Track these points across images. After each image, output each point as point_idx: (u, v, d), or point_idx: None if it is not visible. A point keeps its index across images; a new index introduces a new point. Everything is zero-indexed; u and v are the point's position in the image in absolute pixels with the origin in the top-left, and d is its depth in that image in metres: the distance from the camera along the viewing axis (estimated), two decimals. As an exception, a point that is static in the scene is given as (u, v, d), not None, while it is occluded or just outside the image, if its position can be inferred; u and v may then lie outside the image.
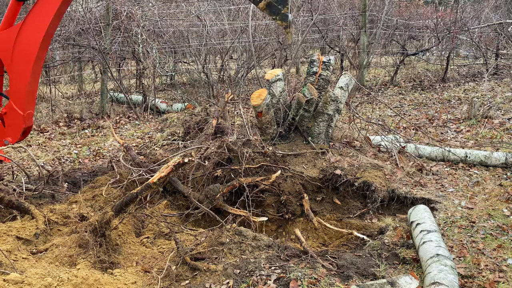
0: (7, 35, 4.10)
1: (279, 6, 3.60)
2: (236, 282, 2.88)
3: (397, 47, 12.16)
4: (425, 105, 8.54)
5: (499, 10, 14.01)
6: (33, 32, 4.10)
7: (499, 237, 3.47)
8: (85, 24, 8.98)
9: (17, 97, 4.20)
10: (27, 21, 4.09)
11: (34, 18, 4.09)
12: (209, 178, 4.45)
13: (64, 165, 5.74)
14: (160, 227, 3.79)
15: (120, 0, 9.38)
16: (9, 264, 2.82)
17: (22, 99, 4.21)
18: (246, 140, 4.79)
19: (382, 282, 2.71)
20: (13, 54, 4.11)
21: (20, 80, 4.18)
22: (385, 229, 3.82)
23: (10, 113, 4.23)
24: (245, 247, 3.26)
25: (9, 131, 4.28)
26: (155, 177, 3.22)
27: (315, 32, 11.73)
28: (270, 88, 5.07)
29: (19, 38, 4.09)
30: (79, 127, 8.12)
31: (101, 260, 3.01)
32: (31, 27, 4.09)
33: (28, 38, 4.10)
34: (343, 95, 5.16)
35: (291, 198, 4.29)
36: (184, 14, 10.58)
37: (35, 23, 4.09)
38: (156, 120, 8.38)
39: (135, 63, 10.34)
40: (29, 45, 4.12)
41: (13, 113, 4.22)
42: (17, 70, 4.15)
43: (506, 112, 7.11)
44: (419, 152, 5.38)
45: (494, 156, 4.98)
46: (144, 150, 5.72)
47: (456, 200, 4.19)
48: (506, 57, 11.58)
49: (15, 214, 3.61)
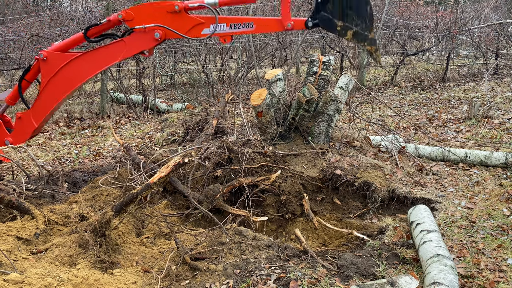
0: (60, 58, 4.10)
1: (365, 32, 3.65)
2: (236, 282, 2.88)
3: (397, 47, 12.17)
4: (425, 105, 8.54)
5: (499, 10, 14.01)
6: (86, 68, 4.11)
7: (499, 237, 3.47)
8: (85, 24, 8.98)
9: (37, 112, 4.25)
10: (86, 57, 4.09)
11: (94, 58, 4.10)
12: (209, 178, 4.46)
13: (64, 165, 5.75)
14: (160, 227, 3.79)
15: (120, 0, 9.38)
16: (9, 264, 2.82)
17: (42, 116, 4.29)
18: (246, 140, 4.79)
19: (382, 282, 2.71)
20: (55, 77, 4.12)
21: (48, 102, 4.21)
22: (385, 229, 3.82)
23: (25, 120, 4.28)
24: (245, 247, 3.26)
25: (17, 135, 4.33)
26: (155, 177, 3.22)
27: (315, 32, 11.73)
28: (270, 88, 5.07)
29: (69, 66, 4.09)
30: (79, 127, 8.13)
31: (101, 260, 3.01)
32: (87, 64, 4.10)
33: (77, 71, 4.11)
34: (343, 95, 5.16)
35: (291, 198, 4.29)
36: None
37: (92, 63, 4.10)
38: (156, 120, 8.38)
39: (135, 63, 10.35)
40: (74, 77, 4.13)
41: (27, 121, 4.28)
42: (50, 92, 4.17)
43: (506, 112, 7.11)
44: (419, 152, 5.39)
45: (494, 156, 4.98)
46: (144, 150, 5.73)
47: (456, 200, 4.19)
48: (506, 57, 11.58)
49: (15, 214, 3.61)
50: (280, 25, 3.78)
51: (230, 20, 3.87)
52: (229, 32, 3.87)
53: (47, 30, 9.69)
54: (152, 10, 3.91)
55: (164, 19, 3.90)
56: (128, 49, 4.02)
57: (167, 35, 3.95)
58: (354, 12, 3.58)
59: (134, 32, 3.96)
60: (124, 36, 4.00)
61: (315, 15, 3.66)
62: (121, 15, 3.92)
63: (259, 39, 9.89)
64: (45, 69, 4.12)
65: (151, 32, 3.92)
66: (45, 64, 4.10)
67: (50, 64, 4.10)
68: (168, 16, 3.89)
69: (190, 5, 3.87)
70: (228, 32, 3.88)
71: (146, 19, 3.91)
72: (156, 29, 3.90)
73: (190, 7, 3.88)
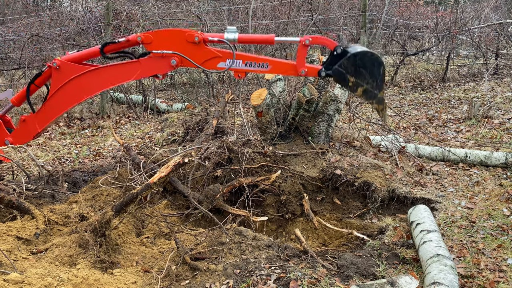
0: (73, 69, 4.09)
1: (375, 91, 3.71)
2: (236, 282, 2.88)
3: (397, 47, 12.16)
4: (425, 105, 8.54)
5: (499, 10, 14.01)
6: (98, 83, 4.11)
7: (499, 237, 3.47)
8: (85, 24, 8.99)
9: (42, 117, 4.25)
10: (99, 72, 4.09)
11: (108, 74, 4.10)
12: (209, 178, 4.46)
13: (64, 165, 5.75)
14: (160, 227, 3.79)
15: (120, 0, 9.38)
16: (9, 264, 2.82)
17: (46, 122, 4.30)
18: (246, 140, 4.79)
19: (382, 282, 2.71)
20: (65, 86, 4.12)
21: (55, 109, 4.22)
22: (385, 229, 3.82)
23: (29, 124, 4.28)
24: (245, 247, 3.26)
25: (18, 136, 4.34)
26: (155, 177, 3.22)
27: (315, 32, 11.73)
28: (270, 88, 5.08)
29: (81, 78, 4.09)
30: (79, 127, 8.13)
31: (101, 260, 3.01)
32: (99, 78, 4.09)
33: (88, 84, 4.10)
34: (343, 95, 5.16)
35: (291, 198, 4.29)
36: (184, 14, 10.58)
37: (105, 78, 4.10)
38: (156, 120, 8.38)
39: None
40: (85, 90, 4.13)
41: (31, 125, 4.28)
42: (58, 101, 4.17)
43: (506, 112, 7.10)
44: (419, 152, 5.39)
45: (494, 156, 4.98)
46: (144, 150, 5.73)
47: (456, 200, 4.19)
48: (506, 57, 11.57)
49: (15, 214, 3.61)
50: (295, 70, 3.86)
51: (247, 57, 3.91)
52: (244, 69, 3.92)
53: (47, 30, 9.69)
54: (172, 37, 3.93)
55: (182, 47, 3.92)
56: (143, 70, 4.04)
57: (183, 63, 3.98)
58: (367, 72, 3.65)
59: (151, 56, 3.98)
60: (141, 58, 4.02)
61: (329, 66, 3.72)
62: (140, 37, 3.94)
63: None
64: (56, 78, 4.13)
65: (168, 58, 3.93)
66: (57, 72, 4.11)
67: (62, 73, 4.11)
68: (187, 45, 3.91)
69: (210, 38, 3.90)
70: (243, 69, 3.92)
71: (164, 44, 3.93)
72: (173, 56, 3.92)
73: (209, 40, 3.92)
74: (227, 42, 3.82)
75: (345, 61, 3.63)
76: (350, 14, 11.49)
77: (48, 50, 9.51)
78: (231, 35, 3.80)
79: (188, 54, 3.90)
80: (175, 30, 3.97)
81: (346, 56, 3.61)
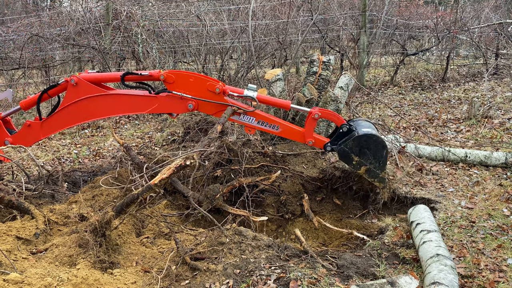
0: (90, 89, 4.15)
1: (377, 171, 3.91)
2: (236, 282, 2.88)
3: (397, 47, 12.16)
4: (425, 105, 8.54)
5: (499, 10, 14.01)
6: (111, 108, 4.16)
7: (499, 237, 3.47)
8: (85, 24, 8.99)
9: (48, 127, 4.33)
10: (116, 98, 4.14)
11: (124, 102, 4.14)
12: (209, 178, 4.46)
13: (64, 165, 5.75)
14: (160, 227, 3.79)
15: (120, 0, 9.38)
16: (9, 264, 2.82)
17: (51, 132, 4.39)
18: (246, 140, 4.79)
19: (382, 282, 2.71)
20: (78, 103, 4.17)
21: (62, 122, 4.29)
22: (385, 229, 3.82)
23: (33, 129, 4.35)
24: (245, 247, 3.26)
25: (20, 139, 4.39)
26: (157, 179, 3.22)
27: (315, 32, 11.73)
28: (270, 88, 5.08)
29: (96, 99, 4.14)
30: (79, 127, 8.12)
31: (101, 260, 3.01)
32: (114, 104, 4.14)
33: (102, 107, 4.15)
34: (343, 95, 5.16)
35: (291, 198, 4.29)
36: (184, 14, 10.57)
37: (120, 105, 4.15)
38: (156, 120, 8.38)
39: (135, 63, 10.34)
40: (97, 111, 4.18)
41: (35, 131, 4.34)
42: (67, 115, 4.22)
43: (506, 112, 7.10)
44: (419, 152, 5.39)
45: (494, 156, 4.98)
46: (144, 150, 5.73)
47: (456, 200, 4.19)
48: (506, 57, 11.57)
49: (15, 214, 3.61)
50: (303, 138, 4.01)
51: (260, 116, 4.00)
52: (255, 126, 4.03)
53: (47, 30, 9.69)
54: (194, 82, 3.99)
55: (202, 94, 3.99)
56: (159, 106, 4.10)
57: (199, 108, 4.05)
58: (371, 153, 3.84)
59: (169, 95, 4.03)
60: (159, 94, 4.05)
61: (335, 142, 3.91)
62: (163, 75, 3.99)
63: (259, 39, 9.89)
64: (71, 93, 4.18)
65: (186, 101, 4.00)
66: (73, 88, 4.16)
67: (78, 91, 4.16)
68: (207, 93, 3.98)
69: (231, 92, 4.00)
70: (254, 126, 4.03)
71: (185, 87, 3.99)
72: (191, 100, 3.98)
73: (229, 93, 4.00)
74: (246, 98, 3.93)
75: (350, 142, 3.82)
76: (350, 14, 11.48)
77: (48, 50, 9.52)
78: (250, 92, 3.92)
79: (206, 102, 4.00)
80: (198, 75, 4.02)
81: (352, 137, 3.79)
